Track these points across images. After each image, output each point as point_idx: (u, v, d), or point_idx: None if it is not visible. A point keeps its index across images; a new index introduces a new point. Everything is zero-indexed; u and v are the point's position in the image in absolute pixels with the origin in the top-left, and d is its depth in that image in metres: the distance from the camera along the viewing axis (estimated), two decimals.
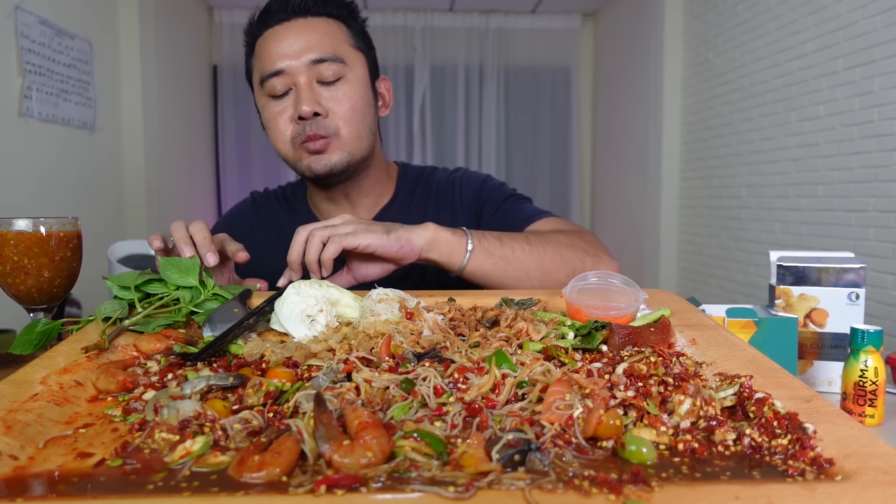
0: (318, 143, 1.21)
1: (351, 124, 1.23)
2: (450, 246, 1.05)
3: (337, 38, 1.24)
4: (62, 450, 0.51)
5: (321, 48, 1.20)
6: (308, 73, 1.20)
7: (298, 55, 1.19)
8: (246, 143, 5.00)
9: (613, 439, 0.52)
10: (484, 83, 5.07)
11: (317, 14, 1.24)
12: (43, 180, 2.86)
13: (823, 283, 1.01)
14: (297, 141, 1.23)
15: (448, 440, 0.51)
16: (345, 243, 0.99)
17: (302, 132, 1.21)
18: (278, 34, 1.22)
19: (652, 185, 4.04)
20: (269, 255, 1.37)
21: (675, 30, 3.85)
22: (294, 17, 1.22)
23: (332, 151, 1.24)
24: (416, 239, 1.03)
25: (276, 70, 1.20)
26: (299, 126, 1.21)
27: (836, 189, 2.61)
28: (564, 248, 1.14)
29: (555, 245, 1.14)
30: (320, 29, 1.22)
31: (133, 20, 3.59)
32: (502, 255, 1.08)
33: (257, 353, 0.72)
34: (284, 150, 1.26)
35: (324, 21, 1.24)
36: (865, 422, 0.87)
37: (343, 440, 0.49)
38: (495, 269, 1.07)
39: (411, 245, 1.03)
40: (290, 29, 1.22)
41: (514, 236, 1.12)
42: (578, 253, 1.15)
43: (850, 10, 2.49)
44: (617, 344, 0.74)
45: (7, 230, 0.89)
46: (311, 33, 1.21)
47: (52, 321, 0.85)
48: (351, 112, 1.23)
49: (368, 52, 1.31)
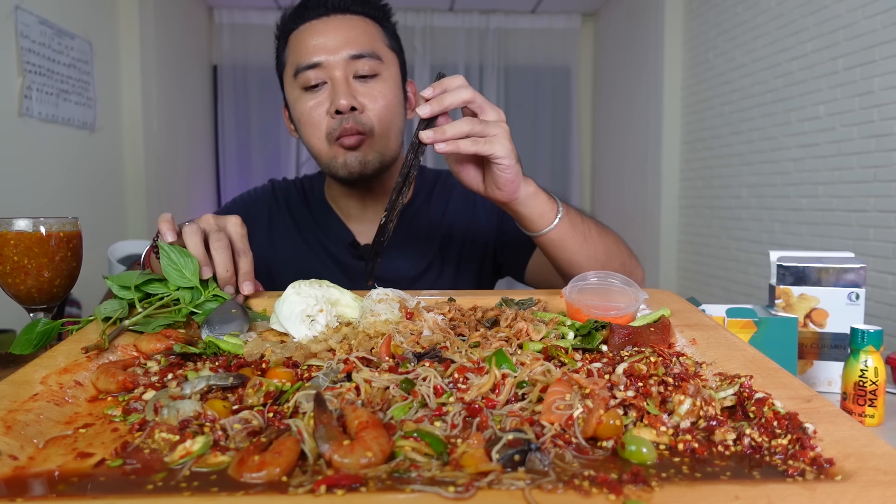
0: (352, 138, 1.21)
1: (384, 123, 1.24)
2: (543, 208, 1.00)
3: (374, 36, 1.25)
4: (62, 450, 0.51)
5: (359, 44, 1.21)
6: (345, 68, 1.20)
7: (336, 50, 1.20)
8: (246, 142, 5.00)
9: (613, 439, 0.52)
10: (484, 83, 5.06)
11: (354, 12, 1.24)
12: (43, 180, 2.86)
13: (823, 283, 1.01)
14: (333, 136, 1.22)
15: (448, 440, 0.51)
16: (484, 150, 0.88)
17: (338, 126, 1.20)
18: (316, 28, 1.22)
19: (652, 185, 4.03)
20: (283, 243, 1.37)
21: (675, 30, 3.84)
22: (332, 13, 1.23)
23: (366, 150, 1.24)
24: (524, 186, 0.96)
25: (312, 63, 1.20)
26: (335, 120, 1.20)
27: (836, 189, 2.61)
28: (619, 243, 1.16)
29: (613, 237, 1.15)
30: (358, 26, 1.23)
31: (133, 20, 3.59)
32: (582, 231, 1.06)
33: (257, 353, 0.72)
34: (319, 147, 1.25)
35: (361, 19, 1.25)
36: (865, 422, 0.87)
37: (343, 440, 0.49)
38: (573, 241, 1.04)
39: (518, 187, 0.95)
40: (328, 24, 1.22)
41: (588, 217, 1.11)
42: (624, 250, 1.17)
43: (850, 9, 2.49)
44: (617, 344, 0.74)
45: (7, 230, 0.89)
46: (349, 30, 1.22)
47: (52, 321, 0.85)
48: (385, 110, 1.23)
49: (400, 53, 1.32)
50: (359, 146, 1.22)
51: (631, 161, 4.40)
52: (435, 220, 1.39)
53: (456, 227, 1.38)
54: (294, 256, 1.37)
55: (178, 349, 0.71)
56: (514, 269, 1.38)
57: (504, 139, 0.89)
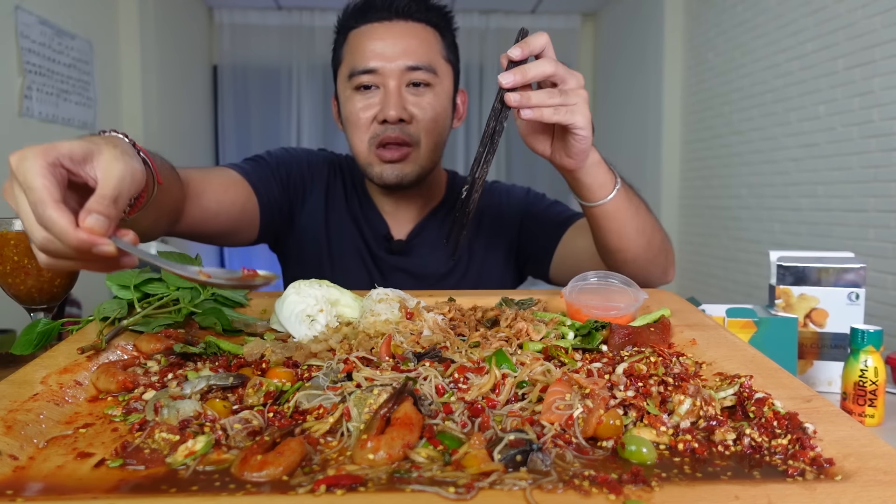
0: (396, 152, 1.21)
1: (431, 135, 1.24)
2: (604, 178, 0.99)
3: (432, 47, 1.24)
4: (62, 450, 0.51)
5: (417, 56, 1.20)
6: (400, 78, 1.20)
7: (394, 58, 1.19)
8: (246, 143, 5.00)
9: (613, 439, 0.52)
10: (484, 83, 5.07)
11: (417, 19, 1.23)
12: None
13: (823, 283, 1.01)
14: (375, 142, 1.22)
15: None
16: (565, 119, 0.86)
17: (381, 133, 1.20)
18: (376, 31, 1.21)
19: (652, 184, 4.03)
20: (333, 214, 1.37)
21: (674, 30, 3.84)
22: (395, 18, 1.21)
23: (409, 163, 1.24)
24: (592, 154, 0.95)
25: (369, 68, 1.19)
26: (381, 127, 1.21)
27: (836, 189, 2.61)
28: (658, 221, 1.15)
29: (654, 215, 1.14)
30: (419, 35, 1.22)
31: (133, 20, 3.59)
32: (635, 203, 1.05)
33: (257, 353, 0.72)
34: (360, 148, 1.25)
35: (422, 28, 1.23)
36: (865, 422, 0.87)
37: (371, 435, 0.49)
38: (626, 213, 1.03)
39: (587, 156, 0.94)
40: (389, 29, 1.21)
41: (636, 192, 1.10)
42: (661, 228, 1.15)
43: (850, 10, 2.49)
44: (617, 344, 0.74)
45: (7, 230, 0.89)
46: (409, 38, 1.21)
47: (53, 321, 0.85)
48: (433, 123, 1.23)
49: (456, 64, 1.32)
50: (402, 159, 1.23)
51: (631, 161, 4.40)
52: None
53: (484, 222, 1.39)
54: (337, 231, 1.38)
55: (177, 349, 0.71)
56: (540, 261, 1.35)
57: (584, 108, 0.87)
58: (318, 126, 4.98)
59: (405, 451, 0.49)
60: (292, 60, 4.91)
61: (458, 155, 5.09)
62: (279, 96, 4.97)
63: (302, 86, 4.93)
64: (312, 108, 4.95)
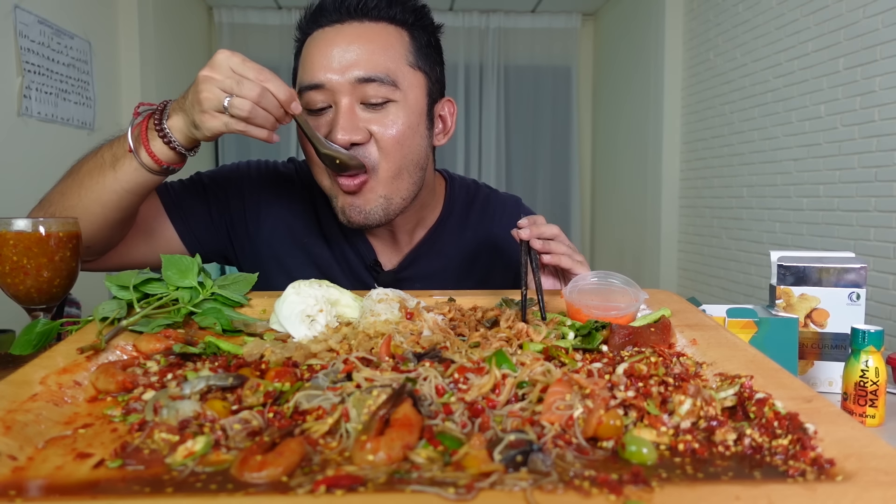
0: (352, 182, 1.04)
1: (391, 159, 1.04)
2: None
3: (394, 52, 1.04)
4: (61, 450, 0.51)
5: (371, 65, 1.01)
6: (352, 93, 1.01)
7: (344, 70, 1.00)
8: (246, 143, 4.99)
9: (614, 440, 0.52)
10: (484, 82, 5.06)
11: (376, 18, 1.04)
12: (42, 180, 2.85)
13: (824, 283, 1.01)
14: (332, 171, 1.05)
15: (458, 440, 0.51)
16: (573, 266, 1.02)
17: None
18: (327, 37, 1.03)
19: (652, 185, 4.03)
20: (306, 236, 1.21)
21: (675, 29, 3.84)
22: (349, 19, 1.03)
23: (367, 194, 1.05)
24: None
25: (315, 83, 1.02)
26: None
27: (837, 189, 2.61)
28: None
29: None
30: (376, 39, 1.03)
31: (132, 20, 3.59)
32: None
33: (257, 354, 0.71)
34: (322, 182, 1.09)
35: (383, 28, 1.04)
36: (866, 422, 0.87)
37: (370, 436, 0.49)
38: None
39: None
40: (341, 34, 1.03)
41: None
42: None
43: (851, 9, 2.49)
44: (617, 344, 0.74)
45: (6, 230, 0.89)
46: (363, 43, 1.02)
47: (52, 321, 0.85)
48: (395, 144, 1.04)
49: (431, 70, 1.11)
50: (358, 191, 1.05)
51: (631, 161, 4.40)
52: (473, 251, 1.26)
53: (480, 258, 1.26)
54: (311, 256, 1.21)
55: (177, 349, 0.71)
56: None
57: (586, 266, 1.05)
58: None
59: (405, 452, 0.48)
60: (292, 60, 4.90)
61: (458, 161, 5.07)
62: None
63: None
64: None
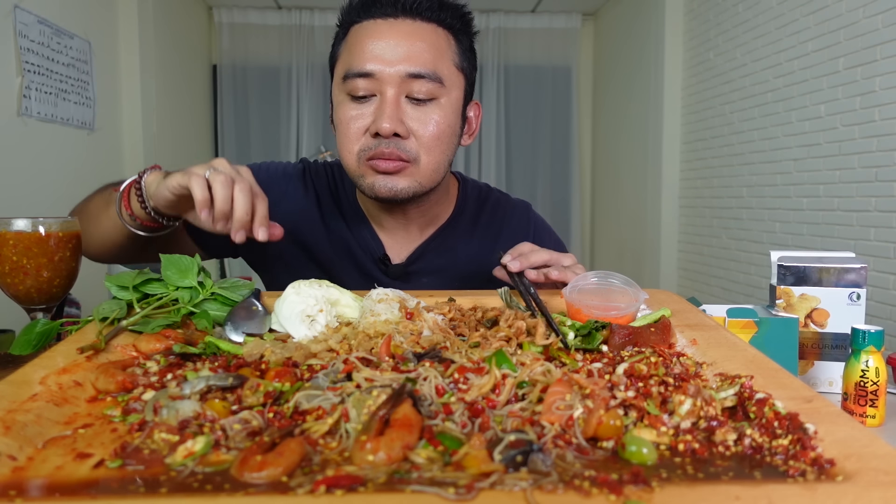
0: (391, 164, 1.07)
1: (432, 154, 1.09)
2: None
3: (442, 53, 1.08)
4: (61, 450, 0.51)
5: (422, 62, 1.05)
6: (399, 86, 1.05)
7: (395, 62, 1.04)
8: (246, 143, 4.99)
9: (614, 440, 0.52)
10: (484, 82, 5.06)
11: (428, 19, 1.08)
12: (42, 180, 2.86)
13: (824, 283, 1.01)
14: (364, 156, 1.08)
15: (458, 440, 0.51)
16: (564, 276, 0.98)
17: (372, 148, 1.06)
18: (379, 29, 1.06)
19: (652, 185, 4.03)
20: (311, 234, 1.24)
21: (675, 29, 3.84)
22: (402, 15, 1.06)
23: (403, 177, 1.09)
24: None
25: (365, 71, 1.04)
26: (373, 140, 1.06)
27: (837, 189, 2.61)
28: None
29: None
30: (427, 38, 1.06)
31: (132, 20, 3.58)
32: None
33: (257, 354, 0.71)
34: (348, 160, 1.11)
35: (433, 29, 1.08)
36: (866, 422, 0.87)
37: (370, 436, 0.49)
38: None
39: None
40: (393, 28, 1.06)
41: None
42: None
43: (851, 9, 2.49)
44: (617, 344, 0.74)
45: (6, 230, 0.89)
46: (415, 41, 1.05)
47: (52, 321, 0.85)
48: (435, 140, 1.08)
49: (470, 73, 1.16)
50: (397, 172, 1.08)
51: (631, 161, 4.40)
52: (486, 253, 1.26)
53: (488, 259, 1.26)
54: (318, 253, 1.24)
55: (177, 349, 0.71)
56: None
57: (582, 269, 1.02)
58: (317, 126, 4.97)
59: (405, 452, 0.48)
60: (292, 60, 4.91)
61: (458, 161, 5.09)
62: (279, 96, 4.96)
63: (302, 85, 4.92)
64: (312, 108, 4.94)
